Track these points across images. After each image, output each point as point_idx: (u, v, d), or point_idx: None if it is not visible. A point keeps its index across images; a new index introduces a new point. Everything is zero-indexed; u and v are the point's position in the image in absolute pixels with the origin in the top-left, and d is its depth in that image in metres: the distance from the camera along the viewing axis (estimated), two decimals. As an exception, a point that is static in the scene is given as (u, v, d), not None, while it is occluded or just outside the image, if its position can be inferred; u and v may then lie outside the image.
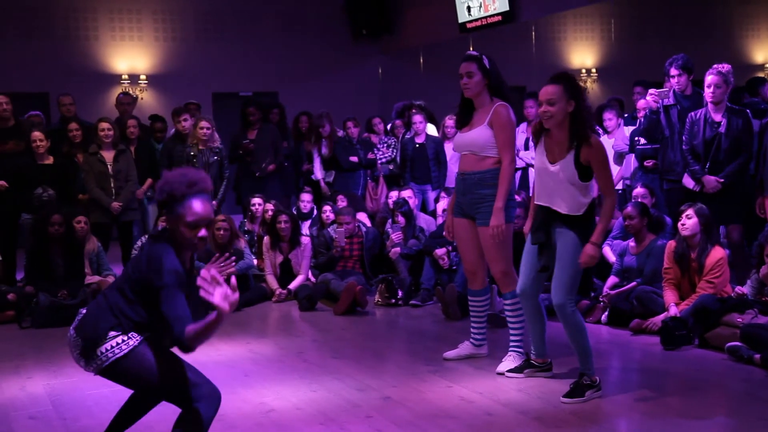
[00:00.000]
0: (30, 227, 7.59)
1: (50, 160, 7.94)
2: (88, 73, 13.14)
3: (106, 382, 4.69)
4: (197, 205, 3.21)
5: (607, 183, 4.36)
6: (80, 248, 7.47)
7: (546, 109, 4.30)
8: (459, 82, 4.96)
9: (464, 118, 5.07)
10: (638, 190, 6.85)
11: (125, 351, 3.24)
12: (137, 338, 3.27)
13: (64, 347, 5.92)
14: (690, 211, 5.70)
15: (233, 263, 3.71)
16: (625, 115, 8.59)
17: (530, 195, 5.17)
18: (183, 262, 3.26)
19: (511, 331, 5.06)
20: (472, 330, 5.32)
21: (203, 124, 8.31)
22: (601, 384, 4.43)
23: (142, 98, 13.20)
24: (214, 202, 8.26)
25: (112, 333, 3.25)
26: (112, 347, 3.24)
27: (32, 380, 5.15)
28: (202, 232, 3.23)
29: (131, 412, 3.60)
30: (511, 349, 5.03)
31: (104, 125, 8.11)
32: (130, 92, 11.89)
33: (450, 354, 5.31)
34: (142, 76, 13.64)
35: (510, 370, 4.79)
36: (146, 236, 6.91)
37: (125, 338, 3.25)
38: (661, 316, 5.67)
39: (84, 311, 3.37)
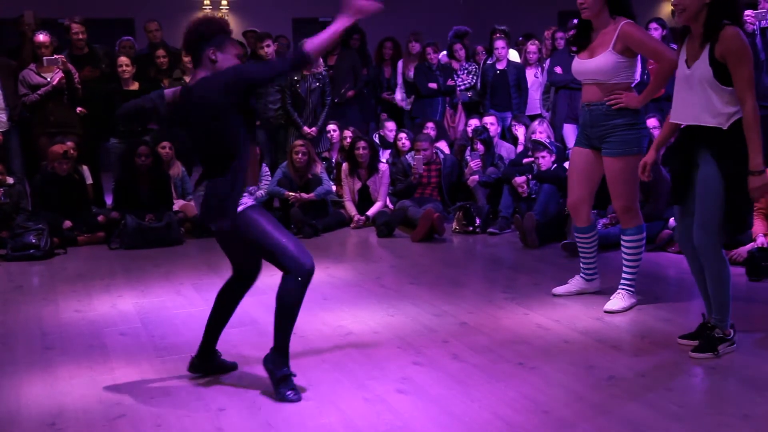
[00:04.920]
0: (117, 157, 7.80)
1: (135, 86, 8.10)
2: (171, 0, 13.26)
3: (192, 302, 4.89)
4: (234, 42, 3.55)
5: (743, 84, 3.61)
6: (166, 175, 7.66)
7: (677, 1, 3.72)
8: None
9: (582, 41, 4.59)
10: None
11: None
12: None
13: (152, 268, 6.21)
14: None
15: None
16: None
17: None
18: None
19: (625, 269, 4.74)
20: (582, 265, 5.03)
21: None
22: (734, 337, 3.96)
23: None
24: (314, 129, 8.35)
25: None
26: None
27: (122, 298, 5.37)
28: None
29: (222, 311, 3.82)
30: (621, 286, 4.75)
31: (188, 51, 8.20)
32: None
33: (559, 290, 5.04)
34: (224, 1, 13.69)
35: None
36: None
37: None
38: (748, 247, 5.52)
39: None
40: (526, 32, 10.20)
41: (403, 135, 8.41)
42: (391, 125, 8.90)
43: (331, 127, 8.53)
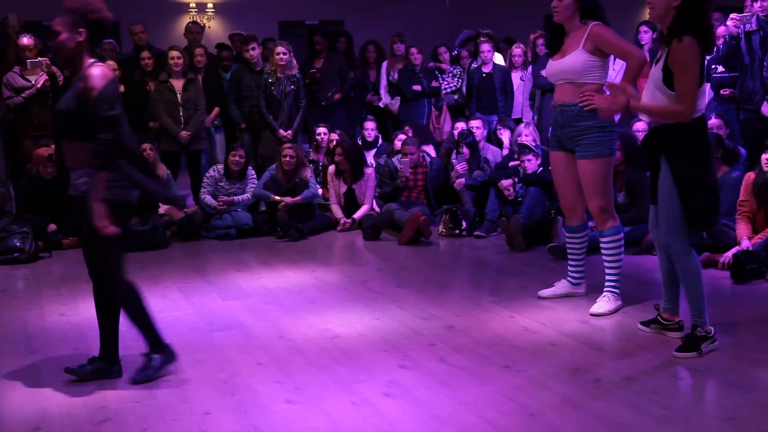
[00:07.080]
0: None
1: (121, 89, 8.04)
2: (157, 2, 13.22)
3: (178, 305, 4.87)
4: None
5: (682, 94, 3.77)
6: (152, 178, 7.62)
7: None
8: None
9: (556, 44, 4.74)
10: (713, 121, 6.64)
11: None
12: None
13: (138, 271, 6.14)
14: None
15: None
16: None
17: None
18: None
19: (608, 271, 4.76)
20: (569, 268, 5.04)
21: (280, 49, 8.21)
22: (715, 335, 4.03)
23: (209, 27, 13.23)
24: (289, 132, 8.29)
25: None
26: None
27: (107, 302, 5.33)
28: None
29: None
30: (606, 289, 4.75)
31: (174, 53, 8.16)
32: (198, 21, 11.92)
33: (545, 292, 5.06)
34: (210, 5, 13.66)
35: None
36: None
37: None
38: (733, 250, 5.55)
39: None
40: (508, 37, 10.22)
41: (403, 136, 8.37)
42: (369, 125, 8.81)
43: (322, 130, 8.50)
